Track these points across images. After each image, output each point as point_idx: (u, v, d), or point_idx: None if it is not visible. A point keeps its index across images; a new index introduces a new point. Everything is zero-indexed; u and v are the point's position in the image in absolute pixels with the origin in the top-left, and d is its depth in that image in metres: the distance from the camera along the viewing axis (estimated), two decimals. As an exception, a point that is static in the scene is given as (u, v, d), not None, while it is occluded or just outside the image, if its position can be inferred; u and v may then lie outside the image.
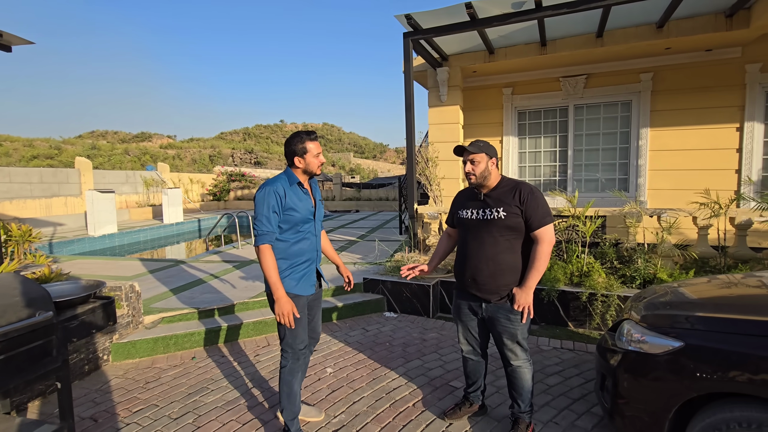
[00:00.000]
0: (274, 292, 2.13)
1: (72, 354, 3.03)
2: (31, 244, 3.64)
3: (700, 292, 2.39)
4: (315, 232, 2.38)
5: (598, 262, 4.21)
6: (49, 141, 40.57)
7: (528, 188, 2.18)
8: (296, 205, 2.23)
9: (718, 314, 1.93)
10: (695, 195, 4.53)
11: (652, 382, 1.96)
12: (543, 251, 2.12)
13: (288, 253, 2.25)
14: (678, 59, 5.90)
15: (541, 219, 2.13)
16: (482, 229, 2.21)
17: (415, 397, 2.84)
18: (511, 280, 2.18)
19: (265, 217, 2.15)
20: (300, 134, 2.27)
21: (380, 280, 4.70)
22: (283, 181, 2.25)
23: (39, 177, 12.43)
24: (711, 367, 1.75)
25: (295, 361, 2.30)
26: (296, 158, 2.26)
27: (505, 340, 2.25)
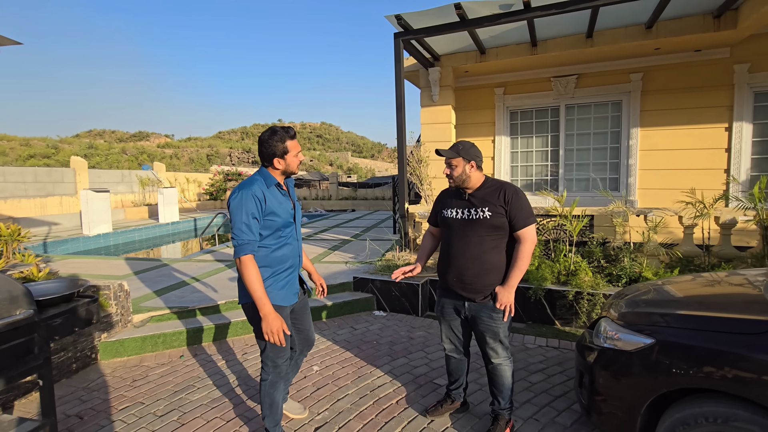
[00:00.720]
0: (260, 308, 1.93)
1: (60, 352, 3.06)
2: (20, 244, 3.66)
3: (679, 290, 2.43)
4: (296, 236, 2.24)
5: (585, 261, 4.25)
6: (46, 140, 40.48)
7: (512, 189, 2.22)
8: (276, 208, 2.06)
9: (687, 311, 1.97)
10: (684, 194, 4.57)
11: (625, 378, 2.00)
12: (526, 251, 2.16)
13: (269, 261, 2.07)
14: (667, 59, 5.94)
15: (524, 219, 2.17)
16: (468, 228, 2.24)
17: (398, 395, 2.88)
18: (496, 279, 2.22)
19: (245, 224, 1.94)
20: (278, 132, 2.05)
21: (370, 279, 4.73)
22: (260, 183, 2.04)
23: (34, 176, 12.41)
24: (680, 363, 1.79)
25: (277, 375, 2.16)
26: (276, 160, 2.06)
27: (487, 339, 2.29)
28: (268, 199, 2.03)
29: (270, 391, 2.15)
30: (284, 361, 2.15)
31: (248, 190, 1.98)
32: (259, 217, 1.99)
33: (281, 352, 2.12)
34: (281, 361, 2.14)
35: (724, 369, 1.68)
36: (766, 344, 1.63)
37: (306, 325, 2.40)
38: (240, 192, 1.99)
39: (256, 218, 1.98)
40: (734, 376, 1.64)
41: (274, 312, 1.95)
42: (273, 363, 2.13)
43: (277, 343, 1.96)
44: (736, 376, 1.64)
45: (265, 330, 1.93)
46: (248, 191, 1.98)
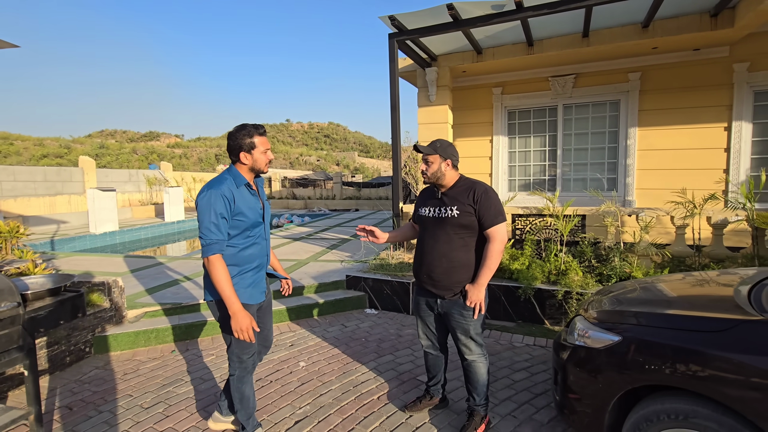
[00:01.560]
0: (229, 307, 1.94)
1: (54, 346, 3.16)
2: (19, 241, 3.78)
3: (655, 289, 2.43)
4: (265, 235, 2.24)
5: (576, 261, 4.26)
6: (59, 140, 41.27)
7: (482, 188, 2.24)
8: (245, 209, 2.05)
9: (654, 309, 1.99)
10: (676, 195, 4.55)
11: (594, 375, 2.02)
12: (495, 249, 2.18)
13: (236, 260, 2.07)
14: (666, 59, 5.89)
15: (493, 218, 2.19)
16: (438, 226, 2.28)
17: (381, 391, 2.92)
18: (465, 277, 2.25)
19: (213, 224, 1.94)
20: (246, 127, 2.05)
21: (362, 278, 4.78)
22: (229, 182, 2.02)
23: (43, 175, 12.69)
24: (644, 361, 1.81)
25: (243, 369, 2.18)
26: (242, 153, 2.04)
27: (459, 335, 2.32)
28: (237, 198, 2.02)
29: (238, 385, 2.18)
30: (250, 357, 2.18)
31: (217, 190, 1.96)
32: (227, 217, 1.99)
33: (247, 348, 2.14)
34: (247, 357, 2.16)
35: (686, 366, 1.69)
36: (725, 342, 1.64)
37: (267, 325, 2.38)
38: (209, 191, 1.97)
39: (225, 218, 1.98)
40: (694, 374, 1.66)
41: (243, 310, 1.96)
42: (239, 359, 2.15)
43: (247, 340, 1.97)
44: (696, 373, 1.65)
45: (234, 328, 1.95)
46: (217, 190, 1.96)
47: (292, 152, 48.87)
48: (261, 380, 3.08)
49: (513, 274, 4.34)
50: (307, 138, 64.27)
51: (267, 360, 3.41)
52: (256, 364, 2.26)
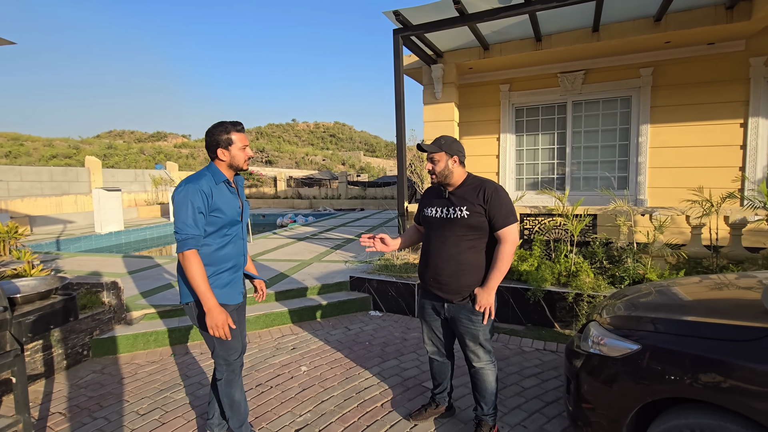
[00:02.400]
0: (204, 303, 1.88)
1: (50, 349, 3.09)
2: (18, 241, 3.73)
3: (674, 293, 2.30)
4: (242, 235, 2.19)
5: (587, 262, 4.12)
6: (68, 141, 41.65)
7: (492, 187, 2.13)
8: (223, 205, 2.01)
9: (675, 316, 1.86)
10: (692, 193, 4.39)
11: (610, 386, 1.89)
12: (506, 251, 2.07)
13: (212, 259, 2.01)
14: (679, 53, 5.71)
15: (504, 219, 2.08)
16: (445, 228, 2.17)
17: (384, 398, 2.81)
18: (474, 281, 2.13)
19: (191, 218, 1.89)
20: (224, 123, 2.03)
21: (366, 279, 4.68)
22: (208, 178, 1.99)
23: (50, 176, 12.75)
24: (666, 371, 1.68)
25: (231, 372, 2.11)
26: (220, 150, 2.01)
27: (467, 341, 2.21)
28: (215, 194, 1.98)
29: (227, 390, 2.11)
30: (237, 359, 2.12)
31: (195, 184, 1.92)
32: (204, 213, 1.94)
33: (231, 349, 2.07)
34: (233, 358, 2.10)
35: (711, 378, 1.56)
36: (757, 352, 1.51)
37: (241, 328, 2.26)
38: (186, 186, 1.92)
39: (202, 213, 1.93)
40: (722, 386, 1.53)
41: (218, 306, 1.90)
42: (225, 361, 2.08)
43: (223, 337, 1.91)
44: (724, 385, 1.52)
45: (209, 324, 1.89)
46: (195, 185, 1.92)
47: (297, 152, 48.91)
48: (261, 385, 2.98)
49: (522, 275, 4.21)
50: (312, 138, 64.31)
51: (268, 364, 3.32)
52: (242, 366, 2.18)
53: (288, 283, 4.80)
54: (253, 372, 3.19)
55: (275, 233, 9.33)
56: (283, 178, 20.23)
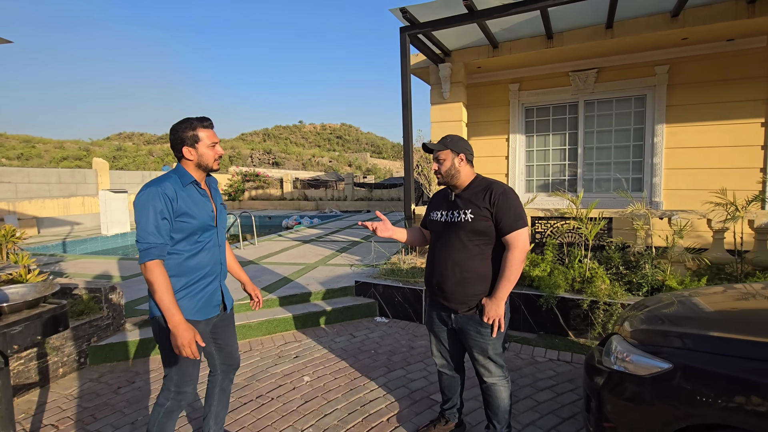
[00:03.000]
0: (169, 319, 1.67)
1: (46, 357, 2.99)
2: (15, 245, 3.66)
3: (704, 304, 2.13)
4: (218, 241, 1.98)
5: (602, 268, 3.94)
6: (78, 143, 42.15)
7: (500, 188, 1.98)
8: (191, 209, 1.81)
9: (712, 332, 1.69)
10: (714, 195, 4.19)
11: (637, 407, 1.74)
12: (515, 258, 1.91)
13: (183, 269, 1.81)
14: (696, 50, 5.51)
15: (512, 223, 1.92)
16: (450, 232, 2.03)
17: (391, 411, 2.67)
18: (481, 290, 1.99)
19: (153, 225, 1.70)
20: (189, 120, 1.84)
21: (372, 284, 4.54)
22: (173, 180, 1.80)
23: (57, 177, 12.80)
24: (701, 394, 1.52)
25: (177, 402, 1.85)
26: (185, 148, 1.82)
27: (476, 355, 2.06)
28: (181, 198, 1.79)
29: (163, 420, 1.84)
30: (191, 388, 1.88)
31: (157, 187, 1.73)
32: (169, 218, 1.74)
33: (188, 377, 1.84)
34: (188, 387, 1.86)
35: (754, 404, 1.41)
36: (808, 376, 1.35)
37: (229, 342, 2.10)
38: (148, 189, 1.73)
39: (166, 219, 1.73)
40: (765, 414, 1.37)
41: (184, 322, 1.69)
42: (176, 388, 1.84)
43: (190, 356, 1.68)
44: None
45: (174, 343, 1.68)
46: (157, 188, 1.73)
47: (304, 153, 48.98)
48: (262, 397, 2.86)
49: (533, 281, 4.05)
50: (319, 139, 64.41)
51: (270, 374, 3.20)
52: (193, 399, 1.94)
53: (292, 287, 4.68)
54: (254, 382, 3.07)
55: (280, 235, 9.23)
56: (290, 179, 20.18)
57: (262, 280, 5.00)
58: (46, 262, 6.47)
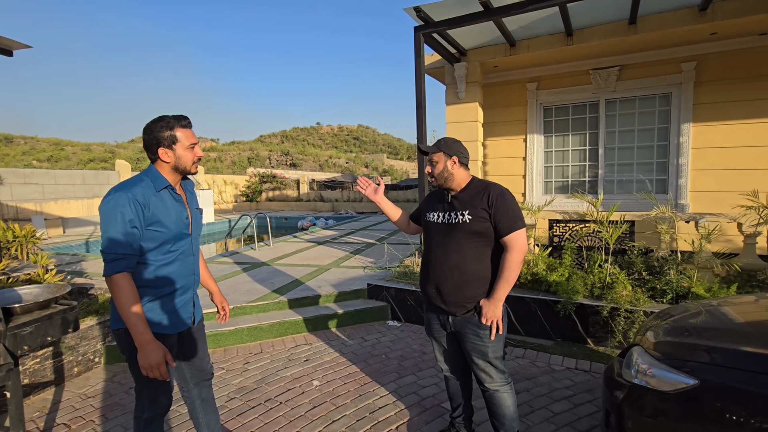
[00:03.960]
0: (136, 338, 1.54)
1: (61, 356, 3.04)
2: (35, 245, 3.75)
3: (735, 314, 1.99)
4: (192, 250, 1.84)
5: (624, 273, 3.78)
6: (104, 145, 43.58)
7: (498, 190, 1.94)
8: (164, 217, 1.66)
9: (743, 347, 1.57)
10: (744, 198, 3.98)
11: (659, 426, 1.62)
12: (513, 260, 1.87)
13: (153, 281, 1.68)
14: (726, 45, 5.26)
15: (511, 224, 1.88)
16: (447, 234, 1.98)
17: (400, 419, 2.60)
18: (479, 292, 1.93)
19: (121, 234, 1.54)
20: (165, 118, 1.68)
21: (384, 287, 4.48)
22: (145, 184, 1.64)
23: (82, 179, 13.18)
24: (731, 415, 1.41)
25: (154, 411, 1.75)
26: (161, 150, 1.67)
27: (475, 360, 1.99)
28: (153, 204, 1.64)
29: (145, 430, 1.75)
30: (165, 397, 1.76)
31: (126, 193, 1.57)
32: (139, 227, 1.59)
33: (160, 389, 1.72)
34: (162, 398, 1.74)
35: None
36: None
37: (199, 354, 1.96)
38: (116, 194, 1.57)
39: (136, 227, 1.58)
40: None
41: (153, 341, 1.56)
42: (150, 400, 1.72)
43: (159, 378, 1.57)
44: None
45: (142, 364, 1.55)
46: (126, 194, 1.57)
47: (321, 155, 49.35)
48: (270, 401, 2.83)
49: (551, 286, 3.91)
50: (336, 140, 64.79)
51: (279, 377, 3.17)
52: (170, 406, 1.81)
53: (303, 290, 4.66)
54: (263, 385, 3.05)
55: (295, 236, 9.27)
56: (306, 180, 20.32)
57: (274, 282, 5.00)
58: (68, 261, 6.65)
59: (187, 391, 2.02)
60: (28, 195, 12.16)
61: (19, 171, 12.38)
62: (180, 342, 1.88)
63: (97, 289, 3.50)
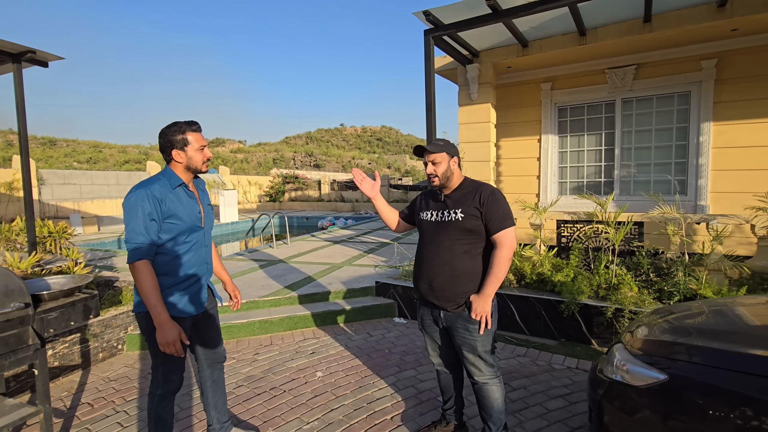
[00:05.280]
0: (155, 317, 1.77)
1: (86, 342, 3.31)
2: (67, 240, 4.07)
3: (724, 315, 2.00)
4: (204, 242, 2.07)
5: (630, 274, 3.75)
6: (138, 147, 45.57)
7: (489, 190, 2.03)
8: (179, 211, 1.89)
9: (713, 344, 1.60)
10: (757, 199, 3.86)
11: (633, 420, 1.67)
12: (502, 256, 1.95)
13: (171, 268, 1.90)
14: (748, 42, 5.09)
15: (501, 222, 1.96)
16: (440, 232, 2.07)
17: (396, 410, 2.71)
18: (470, 288, 2.02)
19: (142, 225, 1.77)
20: (178, 123, 1.91)
21: (392, 285, 4.59)
22: (162, 182, 1.87)
23: (116, 179, 13.90)
24: (696, 409, 1.45)
25: (167, 389, 1.97)
26: (175, 151, 1.90)
27: (465, 353, 2.08)
28: (169, 200, 1.86)
29: (158, 406, 1.97)
30: (177, 375, 1.99)
31: (145, 190, 1.80)
32: (157, 219, 1.82)
33: (176, 367, 1.96)
34: (174, 376, 1.97)
35: (753, 422, 1.32)
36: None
37: (212, 337, 2.20)
38: (136, 191, 1.80)
39: (154, 220, 1.81)
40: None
41: (170, 321, 1.78)
42: (164, 377, 1.95)
43: (174, 354, 1.80)
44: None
45: (159, 341, 1.78)
46: (145, 191, 1.80)
47: (344, 155, 49.90)
48: (274, 389, 2.99)
49: (555, 286, 3.92)
50: (360, 141, 65.31)
51: (285, 368, 3.34)
52: (181, 384, 2.04)
53: (315, 286, 4.83)
54: (270, 375, 3.22)
55: (313, 236, 9.50)
56: (327, 181, 20.65)
57: (288, 278, 5.20)
58: (101, 256, 7.08)
59: (201, 372, 2.24)
60: (67, 195, 12.94)
61: (60, 172, 13.18)
62: (195, 325, 2.09)
63: (121, 281, 3.78)
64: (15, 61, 3.77)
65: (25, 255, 3.48)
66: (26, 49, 3.67)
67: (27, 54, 3.69)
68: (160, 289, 1.84)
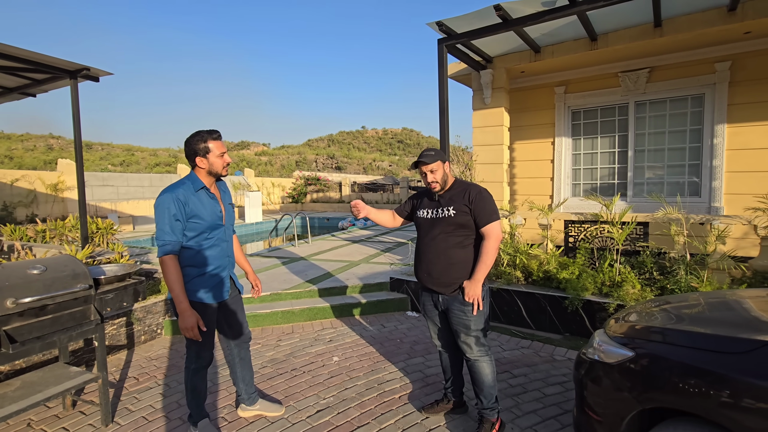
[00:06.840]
0: (177, 306, 2.04)
1: (131, 325, 3.72)
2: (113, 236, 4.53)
3: (695, 304, 2.18)
4: (226, 237, 2.33)
5: (634, 272, 3.90)
6: (168, 150, 47.41)
7: (477, 189, 2.34)
8: (200, 211, 2.14)
9: (672, 325, 1.81)
10: (757, 201, 3.94)
11: (606, 393, 1.90)
12: (490, 246, 2.25)
13: (196, 261, 2.17)
14: (762, 44, 5.11)
15: (488, 217, 2.26)
16: (435, 227, 2.36)
17: (404, 391, 2.98)
18: (463, 274, 2.30)
19: (168, 225, 2.04)
20: (201, 133, 2.15)
21: (405, 281, 4.86)
22: (186, 187, 2.13)
23: (149, 181, 14.69)
24: (656, 380, 1.67)
25: (199, 363, 2.27)
26: (198, 158, 2.15)
27: (459, 332, 2.36)
28: (192, 202, 2.11)
29: (193, 377, 2.28)
30: (207, 352, 2.28)
31: (171, 193, 2.07)
32: (181, 219, 2.08)
33: (204, 346, 2.25)
34: (205, 353, 2.27)
35: (702, 390, 1.53)
36: (749, 366, 1.46)
37: (238, 321, 2.47)
38: (164, 195, 2.08)
39: (179, 220, 2.07)
40: (712, 399, 1.49)
41: (190, 309, 2.05)
42: (197, 354, 2.26)
43: (193, 338, 2.09)
44: (714, 399, 1.49)
45: (180, 326, 2.07)
46: (171, 194, 2.07)
47: (365, 158, 50.42)
48: (295, 370, 3.32)
49: (561, 283, 4.11)
50: (381, 144, 65.76)
51: (305, 353, 3.66)
52: (212, 360, 2.34)
53: (333, 281, 5.16)
54: (291, 358, 3.55)
55: (333, 235, 9.87)
56: (348, 183, 21.08)
57: (308, 274, 5.54)
58: (137, 253, 7.63)
59: (229, 350, 2.57)
60: (105, 195, 13.79)
61: (98, 174, 14.07)
62: (221, 310, 2.42)
63: (159, 273, 4.19)
64: (72, 77, 4.27)
65: (78, 248, 3.94)
66: (82, 66, 4.17)
67: (82, 71, 4.19)
68: (188, 279, 2.13)
